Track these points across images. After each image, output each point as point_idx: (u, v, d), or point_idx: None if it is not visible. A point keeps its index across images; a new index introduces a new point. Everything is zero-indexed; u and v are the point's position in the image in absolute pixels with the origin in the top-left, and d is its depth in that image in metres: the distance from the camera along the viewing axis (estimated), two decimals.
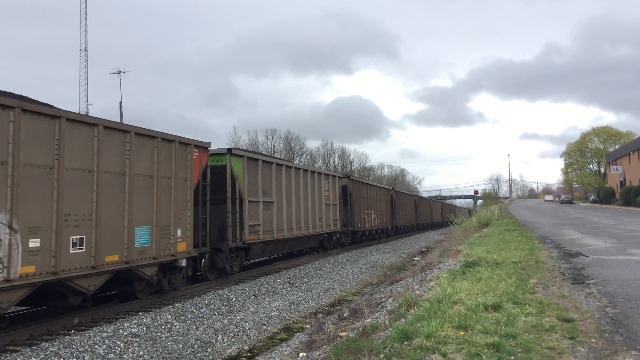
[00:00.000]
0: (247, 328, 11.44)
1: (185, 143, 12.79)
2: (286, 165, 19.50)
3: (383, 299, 10.56)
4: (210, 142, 14.08)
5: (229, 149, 15.38)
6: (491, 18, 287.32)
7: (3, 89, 9.18)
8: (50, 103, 9.82)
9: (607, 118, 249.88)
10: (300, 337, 10.38)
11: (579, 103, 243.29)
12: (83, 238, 9.53)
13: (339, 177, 26.50)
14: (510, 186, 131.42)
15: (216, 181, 14.92)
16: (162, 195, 11.74)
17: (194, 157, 13.19)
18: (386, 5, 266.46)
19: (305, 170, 21.56)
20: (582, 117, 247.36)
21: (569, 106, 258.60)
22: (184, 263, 12.68)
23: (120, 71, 52.20)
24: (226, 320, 11.63)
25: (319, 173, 23.23)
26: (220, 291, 13.68)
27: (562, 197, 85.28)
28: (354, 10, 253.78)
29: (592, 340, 5.38)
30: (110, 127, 10.42)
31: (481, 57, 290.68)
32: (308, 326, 11.47)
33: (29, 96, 9.71)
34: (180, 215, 12.38)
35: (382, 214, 34.91)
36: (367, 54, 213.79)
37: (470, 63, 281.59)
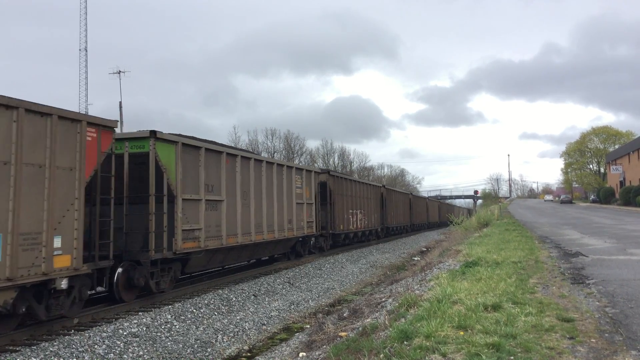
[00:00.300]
0: (247, 328, 11.44)
1: (72, 119, 9.47)
2: (243, 156, 15.84)
3: (383, 299, 10.57)
4: (116, 121, 10.72)
5: (153, 132, 11.98)
6: (490, 18, 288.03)
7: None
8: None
9: (607, 118, 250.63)
10: (300, 337, 10.38)
11: (579, 103, 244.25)
12: None
13: (315, 172, 22.61)
14: (510, 186, 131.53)
15: (137, 173, 11.99)
16: (25, 189, 8.46)
17: (89, 139, 9.81)
18: (386, 5, 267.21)
19: (270, 163, 18.00)
20: (581, 117, 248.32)
21: (569, 106, 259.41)
22: (63, 284, 9.16)
23: (120, 71, 52.26)
24: (226, 320, 11.63)
25: (289, 167, 19.61)
26: (220, 291, 13.67)
27: (561, 197, 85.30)
28: (354, 10, 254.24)
29: (591, 340, 5.38)
30: None
31: (480, 57, 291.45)
32: (308, 326, 11.48)
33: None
34: (61, 218, 9.08)
35: (371, 213, 31.92)
36: (367, 54, 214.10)
37: (469, 63, 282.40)
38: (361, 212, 29.51)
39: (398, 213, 40.57)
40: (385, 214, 35.88)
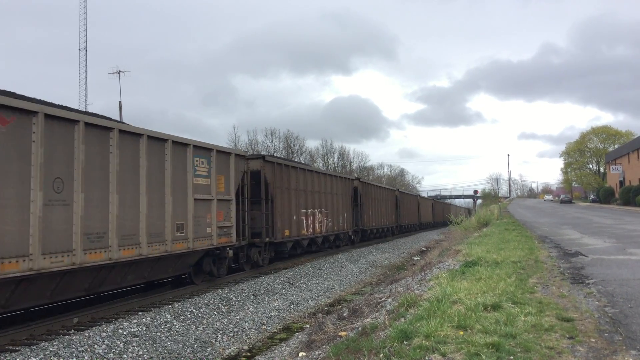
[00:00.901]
0: (246, 328, 11.44)
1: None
2: (86, 123, 9.59)
3: (382, 299, 10.57)
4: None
5: None
6: (488, 19, 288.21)
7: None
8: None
9: (605, 118, 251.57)
10: (299, 336, 10.39)
11: (577, 103, 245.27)
12: None
13: (238, 155, 15.66)
14: (509, 186, 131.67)
15: None
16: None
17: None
18: (384, 6, 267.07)
19: (132, 135, 10.99)
20: (580, 117, 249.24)
21: (567, 106, 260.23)
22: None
23: (119, 71, 52.16)
24: (226, 320, 11.63)
25: (180, 144, 12.59)
26: (219, 291, 13.67)
27: (561, 197, 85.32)
28: (352, 11, 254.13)
29: (591, 339, 5.38)
30: None
31: (478, 58, 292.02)
32: (307, 326, 11.48)
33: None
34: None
35: (336, 214, 25.31)
36: (366, 54, 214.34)
37: (467, 63, 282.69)
38: (322, 213, 23.28)
39: (379, 213, 34.79)
40: (362, 213, 30.22)
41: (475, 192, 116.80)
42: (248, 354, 10.05)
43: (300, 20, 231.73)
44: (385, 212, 36.53)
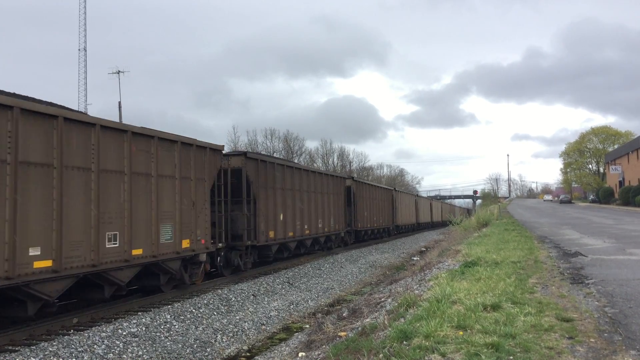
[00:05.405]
0: (246, 328, 11.44)
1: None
2: None
3: (382, 299, 10.57)
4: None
5: None
6: (472, 25, 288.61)
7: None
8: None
9: (597, 120, 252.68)
10: (299, 337, 10.39)
11: (568, 105, 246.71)
12: None
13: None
14: (509, 186, 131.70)
15: None
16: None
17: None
18: (371, 11, 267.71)
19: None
20: (571, 119, 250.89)
21: (559, 108, 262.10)
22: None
23: (119, 71, 52.18)
24: (225, 320, 11.63)
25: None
26: (219, 291, 13.67)
27: (561, 197, 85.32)
28: (343, 15, 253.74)
29: (591, 340, 5.38)
30: None
31: (466, 62, 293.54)
32: (307, 326, 11.48)
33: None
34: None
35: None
36: (357, 56, 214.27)
37: (455, 67, 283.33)
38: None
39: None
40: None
41: (475, 192, 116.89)
42: (247, 354, 10.05)
43: (297, 24, 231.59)
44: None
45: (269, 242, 17.46)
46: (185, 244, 12.67)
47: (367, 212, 31.29)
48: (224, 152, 15.22)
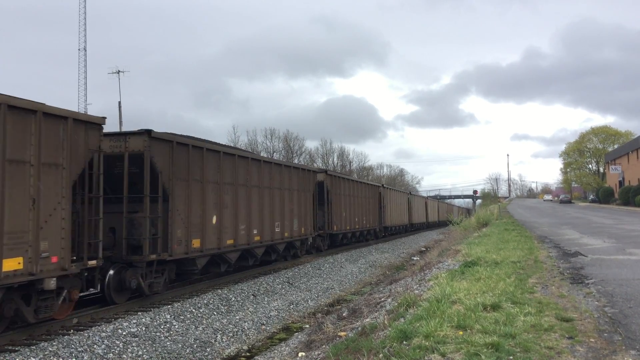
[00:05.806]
0: (246, 328, 11.44)
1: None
2: None
3: (382, 299, 10.57)
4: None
5: None
6: (475, 23, 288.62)
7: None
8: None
9: (596, 120, 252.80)
10: (299, 337, 10.39)
11: (567, 105, 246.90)
12: None
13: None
14: (509, 186, 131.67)
15: None
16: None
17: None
18: (370, 12, 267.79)
19: None
20: (571, 119, 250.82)
21: (558, 108, 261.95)
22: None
23: (119, 70, 52.16)
24: (225, 320, 11.63)
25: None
26: (219, 291, 13.67)
27: (561, 197, 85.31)
28: (342, 15, 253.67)
29: (590, 339, 5.38)
30: None
31: (465, 62, 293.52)
32: (307, 326, 11.49)
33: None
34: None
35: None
36: (357, 57, 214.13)
37: (454, 68, 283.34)
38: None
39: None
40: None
41: (475, 192, 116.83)
42: (247, 354, 10.06)
43: (299, 25, 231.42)
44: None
45: (191, 253, 12.92)
46: (11, 264, 8.18)
47: (346, 212, 27.09)
48: (122, 131, 11.37)
